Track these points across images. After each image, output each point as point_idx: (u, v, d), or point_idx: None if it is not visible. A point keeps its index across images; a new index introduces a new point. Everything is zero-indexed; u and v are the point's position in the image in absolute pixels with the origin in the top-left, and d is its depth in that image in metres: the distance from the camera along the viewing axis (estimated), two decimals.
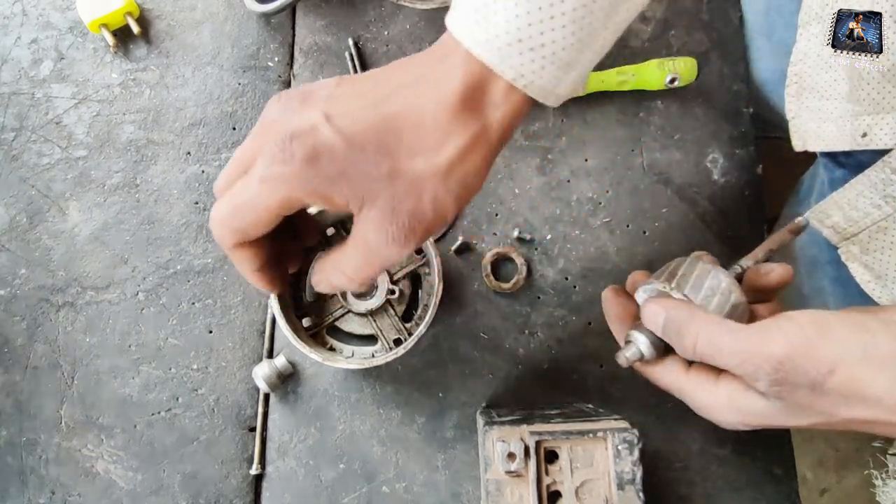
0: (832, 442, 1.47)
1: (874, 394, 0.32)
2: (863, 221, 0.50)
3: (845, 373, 0.32)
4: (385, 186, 0.32)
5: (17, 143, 0.63)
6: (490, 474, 0.45)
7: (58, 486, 0.57)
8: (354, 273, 0.36)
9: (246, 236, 0.35)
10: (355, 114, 0.33)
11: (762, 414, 0.35)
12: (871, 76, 0.47)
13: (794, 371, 0.32)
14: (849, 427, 0.34)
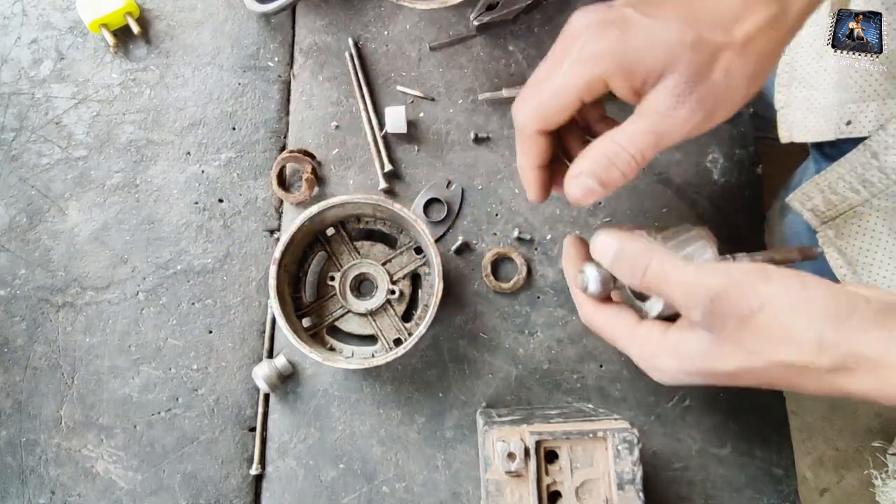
0: (832, 442, 1.47)
1: (797, 336, 0.32)
2: (841, 206, 0.50)
3: (773, 312, 0.32)
4: (688, 54, 0.33)
5: (17, 143, 0.63)
6: (490, 474, 0.45)
7: (58, 486, 0.57)
8: (641, 146, 0.35)
9: (548, 122, 0.38)
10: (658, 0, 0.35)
11: (697, 353, 0.35)
12: (861, 65, 0.48)
13: (728, 302, 0.33)
14: (773, 377, 0.33)
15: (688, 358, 0.36)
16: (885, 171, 0.45)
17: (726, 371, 0.34)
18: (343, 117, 0.63)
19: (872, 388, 0.31)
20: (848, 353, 0.31)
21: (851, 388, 0.32)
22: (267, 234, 0.62)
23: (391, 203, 0.54)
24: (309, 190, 0.61)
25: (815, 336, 0.32)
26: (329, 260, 0.60)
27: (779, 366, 0.33)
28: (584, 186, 0.37)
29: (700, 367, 0.35)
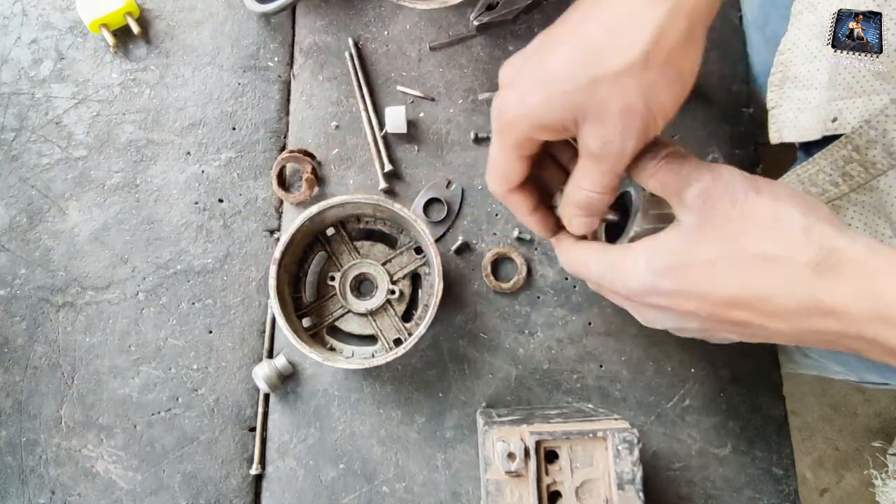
0: (832, 442, 1.47)
1: (785, 222, 0.30)
2: (820, 198, 0.50)
3: (767, 198, 0.31)
4: (589, 98, 0.33)
5: (17, 143, 0.63)
6: (490, 474, 0.45)
7: (58, 486, 0.57)
8: (602, 183, 0.36)
9: (511, 183, 0.40)
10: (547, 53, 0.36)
11: (676, 245, 0.33)
12: (850, 62, 0.47)
13: (725, 184, 0.32)
14: (748, 274, 0.31)
15: (664, 251, 0.34)
16: (865, 165, 0.45)
17: (703, 259, 0.32)
18: (343, 117, 0.63)
19: (849, 299, 0.28)
20: (832, 248, 0.29)
21: (827, 298, 0.29)
22: (267, 234, 0.62)
23: (391, 203, 0.54)
24: (309, 190, 0.61)
25: (802, 225, 0.30)
26: (329, 260, 0.60)
27: (757, 258, 0.30)
28: (580, 225, 0.39)
29: (674, 260, 0.33)
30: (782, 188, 0.33)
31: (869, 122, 0.44)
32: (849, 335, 0.29)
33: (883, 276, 0.28)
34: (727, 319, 0.33)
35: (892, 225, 0.45)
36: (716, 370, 0.58)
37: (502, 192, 0.41)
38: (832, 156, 0.48)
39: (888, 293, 0.28)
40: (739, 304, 0.31)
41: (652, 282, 0.34)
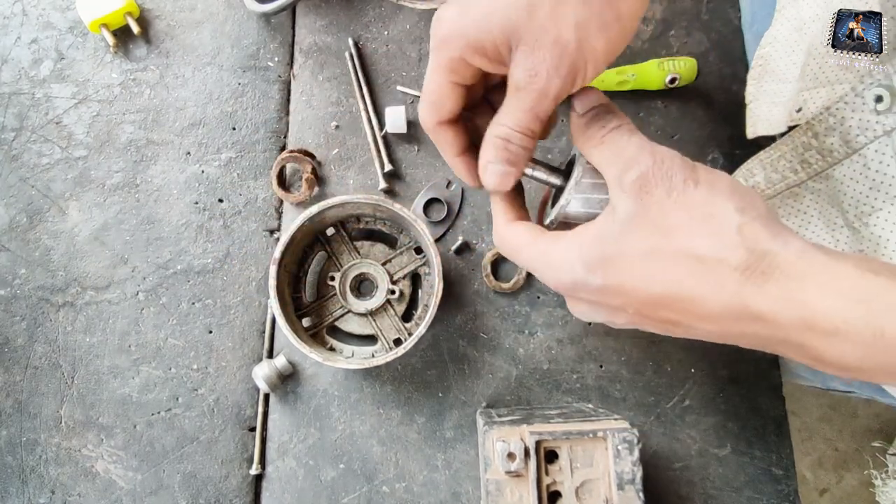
0: (832, 442, 1.47)
1: (720, 220, 0.29)
2: (780, 184, 0.50)
3: (705, 191, 0.30)
4: (524, 20, 0.32)
5: (17, 143, 0.63)
6: (490, 474, 0.45)
7: (58, 486, 0.57)
8: (523, 122, 0.34)
9: (440, 112, 0.37)
10: None
11: (608, 233, 0.32)
12: (818, 53, 0.47)
13: (667, 169, 0.31)
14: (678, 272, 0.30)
15: (597, 243, 0.32)
16: (823, 152, 0.45)
17: (634, 254, 0.31)
18: (343, 117, 0.63)
19: (776, 306, 0.27)
20: (764, 251, 0.28)
21: (753, 304, 0.28)
22: (267, 234, 0.62)
23: (391, 203, 0.54)
24: (309, 190, 0.61)
25: (737, 224, 0.29)
26: (329, 260, 0.60)
27: (688, 257, 0.29)
28: (495, 174, 0.37)
29: (606, 252, 0.32)
30: (721, 179, 0.31)
31: (829, 110, 0.44)
32: (777, 340, 0.29)
33: (811, 283, 0.27)
34: (655, 317, 0.32)
35: (843, 214, 0.45)
36: (715, 370, 0.58)
37: (432, 123, 0.38)
38: (793, 142, 0.48)
39: (815, 301, 0.27)
40: (666, 304, 0.31)
41: (583, 277, 0.33)
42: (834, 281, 0.27)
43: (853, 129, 0.42)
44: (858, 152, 0.42)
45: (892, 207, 0.41)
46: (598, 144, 0.35)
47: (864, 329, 0.26)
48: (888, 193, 0.41)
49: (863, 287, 0.26)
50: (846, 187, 0.44)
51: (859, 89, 0.41)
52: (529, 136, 0.35)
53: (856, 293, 0.26)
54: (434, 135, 0.40)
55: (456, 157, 0.40)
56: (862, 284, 0.27)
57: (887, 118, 0.40)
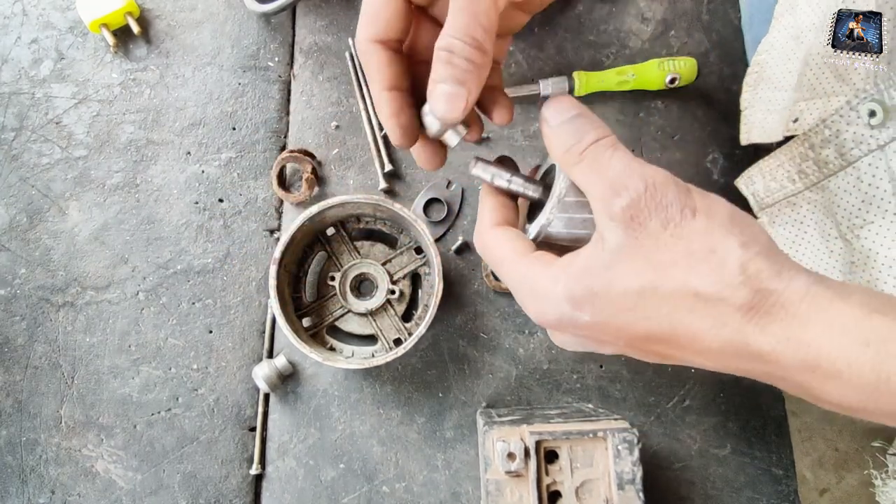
0: (832, 442, 1.47)
1: (722, 255, 0.27)
2: (778, 193, 0.50)
3: (704, 223, 0.27)
4: None
5: (17, 143, 0.63)
6: (490, 474, 0.45)
7: (58, 486, 0.57)
8: (468, 30, 0.30)
9: (378, 27, 0.33)
10: None
11: (597, 264, 0.29)
12: (815, 63, 0.48)
13: (661, 197, 0.28)
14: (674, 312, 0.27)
15: (585, 277, 0.29)
16: (819, 164, 0.46)
17: (626, 289, 0.28)
18: (343, 117, 0.63)
19: (778, 346, 0.26)
20: (768, 290, 0.26)
21: (754, 343, 0.26)
22: (267, 234, 0.62)
23: (391, 203, 0.54)
24: (309, 190, 0.61)
25: (740, 262, 0.26)
26: (329, 260, 0.60)
27: (686, 295, 0.27)
28: (442, 95, 0.31)
29: (595, 287, 0.28)
30: (719, 206, 0.29)
31: (825, 122, 0.44)
32: (777, 377, 0.27)
33: (815, 324, 0.26)
34: (648, 350, 0.30)
35: (837, 226, 0.46)
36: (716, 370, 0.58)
37: (365, 39, 0.34)
38: (791, 152, 0.48)
39: (819, 343, 0.25)
40: (662, 340, 0.28)
41: (569, 314, 0.29)
42: (839, 321, 0.26)
43: (848, 141, 0.42)
44: (853, 165, 0.43)
45: (884, 221, 0.41)
46: (577, 162, 0.31)
47: (868, 374, 0.25)
48: (879, 207, 0.41)
49: (868, 329, 0.25)
50: (840, 199, 0.45)
51: (854, 103, 0.41)
52: (475, 48, 0.31)
53: (862, 335, 0.25)
54: (365, 56, 0.35)
55: (384, 91, 0.34)
56: (867, 326, 0.25)
57: (881, 132, 0.40)
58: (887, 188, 0.41)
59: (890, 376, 0.24)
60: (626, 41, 0.65)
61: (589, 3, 0.66)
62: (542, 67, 0.64)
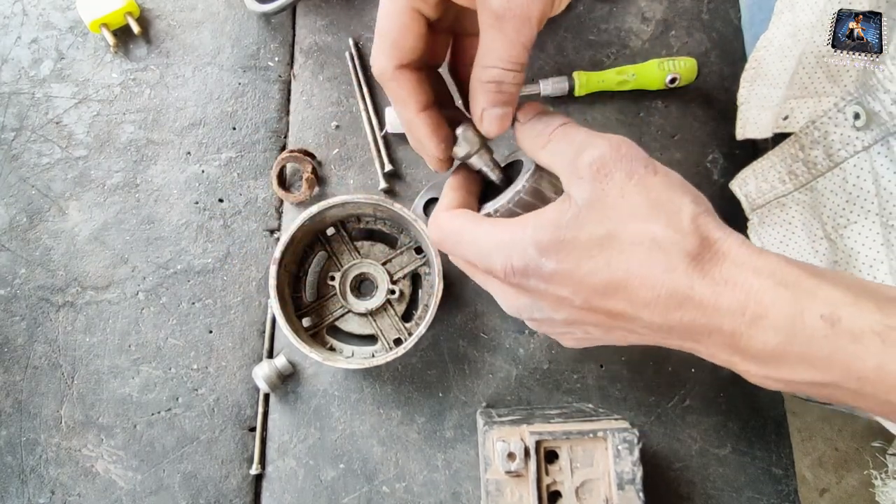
0: (832, 442, 1.47)
1: (678, 206, 0.29)
2: (769, 194, 0.51)
3: (663, 180, 0.30)
4: None
5: (17, 143, 0.63)
6: (490, 474, 0.45)
7: (58, 486, 0.57)
8: (511, 56, 0.31)
9: (401, 51, 0.33)
10: None
11: (566, 217, 0.30)
12: (808, 62, 0.48)
13: (625, 152, 0.30)
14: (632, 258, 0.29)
15: (552, 226, 0.30)
16: (808, 164, 0.46)
17: (591, 236, 0.30)
18: (343, 117, 0.63)
19: (717, 289, 0.28)
20: (713, 239, 0.29)
21: (697, 288, 0.28)
22: (267, 234, 0.62)
23: (391, 203, 0.54)
24: (309, 190, 0.61)
25: (692, 213, 0.29)
26: (329, 260, 0.60)
27: (644, 241, 0.29)
28: (495, 119, 0.34)
29: (562, 236, 0.30)
30: (674, 174, 0.32)
31: (814, 123, 0.45)
32: (711, 328, 0.29)
33: (745, 268, 0.28)
34: (601, 309, 0.31)
35: (822, 226, 0.46)
36: (716, 370, 0.58)
37: (390, 68, 0.34)
38: (782, 153, 0.49)
39: (748, 282, 0.28)
40: (618, 290, 0.30)
41: (535, 260, 0.31)
42: (765, 268, 0.28)
43: (835, 143, 0.43)
44: (839, 166, 0.43)
45: (866, 221, 0.42)
46: (546, 143, 0.33)
47: (787, 310, 0.27)
48: (863, 208, 0.42)
49: (787, 273, 0.28)
50: (826, 199, 0.45)
51: (841, 105, 0.42)
52: (520, 71, 0.32)
53: (782, 278, 0.27)
54: (392, 84, 0.34)
55: (419, 114, 0.35)
56: (786, 271, 0.28)
57: (865, 134, 0.41)
58: (871, 189, 0.41)
59: (803, 311, 0.26)
60: (626, 41, 0.65)
61: (589, 3, 0.66)
62: (542, 67, 0.64)
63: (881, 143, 0.40)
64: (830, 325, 0.26)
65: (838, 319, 0.26)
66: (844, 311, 0.26)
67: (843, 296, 0.26)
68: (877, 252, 0.42)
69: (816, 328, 0.26)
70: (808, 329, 0.26)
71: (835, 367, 0.26)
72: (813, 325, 0.26)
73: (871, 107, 0.39)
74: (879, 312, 0.26)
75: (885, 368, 0.25)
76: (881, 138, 0.40)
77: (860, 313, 0.26)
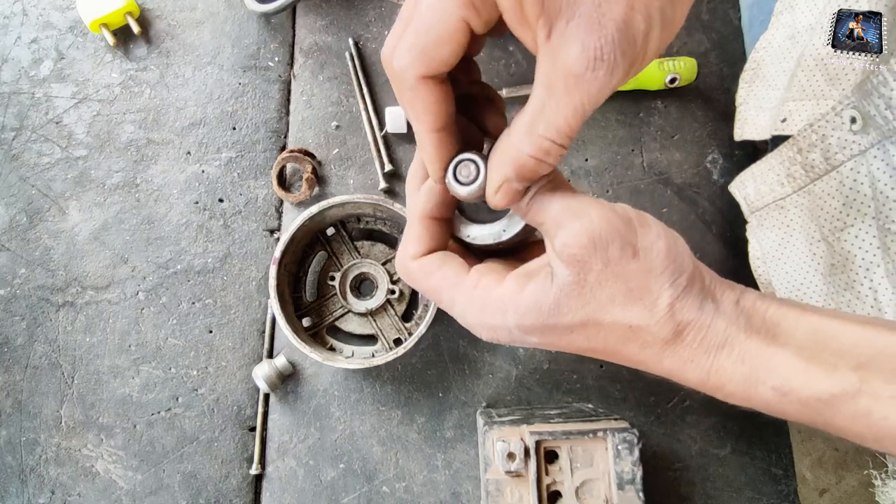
0: (832, 442, 1.47)
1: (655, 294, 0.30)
2: (768, 196, 0.51)
3: (641, 263, 0.29)
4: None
5: (17, 143, 0.63)
6: (490, 474, 0.45)
7: (57, 486, 0.57)
8: (566, 128, 0.27)
9: (432, 59, 0.27)
10: None
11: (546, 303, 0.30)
12: (808, 65, 0.48)
13: (605, 244, 0.29)
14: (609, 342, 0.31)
15: (534, 308, 0.31)
16: (806, 167, 0.46)
17: (571, 321, 0.30)
18: (343, 117, 0.63)
19: (683, 367, 0.30)
20: (686, 322, 0.30)
21: (665, 363, 0.30)
22: (267, 234, 0.62)
23: (391, 203, 0.54)
24: (309, 190, 0.61)
25: (669, 301, 0.29)
26: (329, 260, 0.60)
27: (621, 327, 0.30)
28: (513, 193, 0.31)
29: (543, 321, 0.31)
30: (659, 243, 0.30)
31: (812, 126, 0.45)
32: (682, 382, 0.31)
33: (707, 349, 0.30)
34: (579, 352, 0.33)
35: (820, 229, 0.46)
36: None
37: (416, 75, 0.28)
38: (781, 156, 0.49)
39: (708, 363, 0.30)
40: (595, 352, 0.32)
41: (520, 337, 0.32)
42: (727, 344, 0.30)
43: (833, 146, 0.43)
44: (837, 169, 0.44)
45: (863, 225, 0.42)
46: (527, 212, 0.32)
47: (742, 386, 0.29)
48: (860, 211, 0.42)
49: (748, 351, 0.29)
50: (824, 202, 0.46)
51: (838, 108, 0.42)
52: (564, 149, 0.28)
53: (740, 355, 0.29)
54: (409, 94, 0.29)
55: (430, 133, 0.31)
56: (746, 346, 0.29)
57: (862, 138, 0.41)
58: (867, 192, 0.42)
59: (757, 384, 0.29)
60: None
61: None
62: None
63: (877, 147, 0.40)
64: (782, 395, 0.28)
65: (791, 390, 0.28)
66: (796, 380, 0.28)
67: (797, 364, 0.28)
68: (873, 255, 0.42)
69: (769, 399, 0.29)
70: (761, 398, 0.29)
71: (795, 418, 0.30)
72: (765, 395, 0.29)
73: (867, 111, 0.39)
74: (828, 379, 0.28)
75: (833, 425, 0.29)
76: (877, 142, 0.40)
77: (809, 383, 0.28)
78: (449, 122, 0.31)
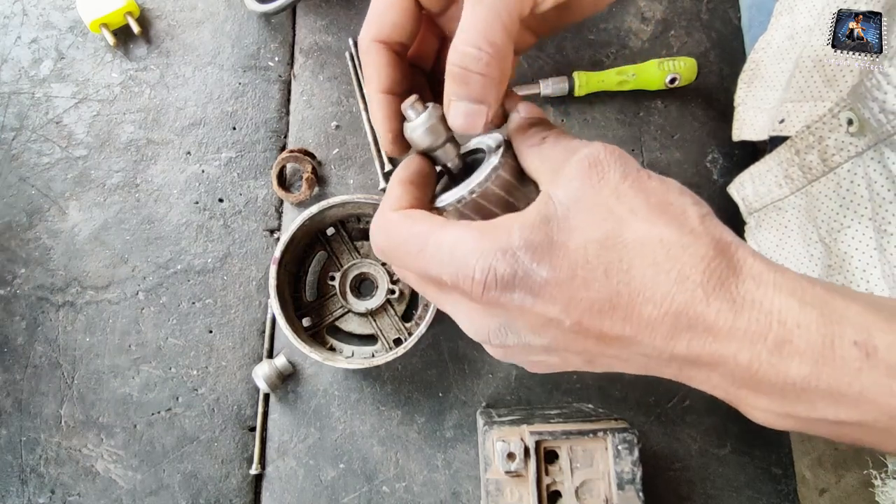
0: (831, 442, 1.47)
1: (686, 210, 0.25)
2: (766, 198, 0.51)
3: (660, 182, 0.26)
4: None
5: (17, 143, 0.63)
6: (490, 474, 0.45)
7: (58, 486, 0.57)
8: (489, 35, 0.27)
9: (382, 26, 0.34)
10: None
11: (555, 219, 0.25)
12: (805, 66, 0.48)
13: (619, 155, 0.27)
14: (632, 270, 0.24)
15: (541, 223, 0.25)
16: (803, 168, 0.47)
17: (587, 239, 0.25)
18: (343, 117, 0.63)
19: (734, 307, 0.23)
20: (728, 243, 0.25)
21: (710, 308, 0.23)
22: (267, 234, 0.62)
23: None
24: (309, 189, 0.61)
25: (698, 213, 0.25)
26: (329, 259, 0.60)
27: (650, 242, 0.24)
28: (461, 112, 0.28)
29: (553, 236, 0.25)
30: (671, 179, 0.27)
31: (809, 128, 0.45)
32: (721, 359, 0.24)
33: (765, 284, 0.23)
34: (592, 331, 0.25)
35: (817, 230, 0.47)
36: None
37: (367, 39, 0.33)
38: (779, 157, 0.49)
39: (770, 301, 0.23)
40: (616, 307, 0.24)
41: (527, 265, 0.25)
42: (786, 284, 0.23)
43: (830, 148, 0.43)
44: (834, 170, 0.44)
45: (859, 226, 0.43)
46: (537, 143, 0.29)
47: (815, 335, 0.22)
48: (856, 212, 0.43)
49: (808, 289, 0.23)
50: (821, 203, 0.46)
51: (835, 111, 0.42)
52: (495, 56, 0.27)
53: (805, 296, 0.23)
54: (366, 56, 0.34)
55: (379, 93, 0.33)
56: (808, 288, 0.23)
57: (859, 140, 0.41)
58: (864, 194, 0.42)
59: (834, 341, 0.22)
60: (626, 41, 0.65)
61: None
62: (542, 67, 0.64)
63: (873, 150, 0.40)
64: (865, 356, 0.22)
65: (874, 349, 0.22)
66: (880, 338, 0.22)
67: (876, 320, 0.22)
68: (870, 257, 0.42)
69: (849, 358, 0.22)
70: (839, 359, 0.22)
71: (867, 404, 0.22)
72: (845, 354, 0.22)
73: (862, 113, 0.39)
74: None
75: None
76: (873, 144, 0.40)
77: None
78: (396, 89, 0.33)
